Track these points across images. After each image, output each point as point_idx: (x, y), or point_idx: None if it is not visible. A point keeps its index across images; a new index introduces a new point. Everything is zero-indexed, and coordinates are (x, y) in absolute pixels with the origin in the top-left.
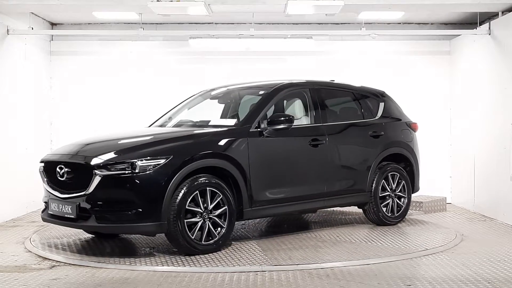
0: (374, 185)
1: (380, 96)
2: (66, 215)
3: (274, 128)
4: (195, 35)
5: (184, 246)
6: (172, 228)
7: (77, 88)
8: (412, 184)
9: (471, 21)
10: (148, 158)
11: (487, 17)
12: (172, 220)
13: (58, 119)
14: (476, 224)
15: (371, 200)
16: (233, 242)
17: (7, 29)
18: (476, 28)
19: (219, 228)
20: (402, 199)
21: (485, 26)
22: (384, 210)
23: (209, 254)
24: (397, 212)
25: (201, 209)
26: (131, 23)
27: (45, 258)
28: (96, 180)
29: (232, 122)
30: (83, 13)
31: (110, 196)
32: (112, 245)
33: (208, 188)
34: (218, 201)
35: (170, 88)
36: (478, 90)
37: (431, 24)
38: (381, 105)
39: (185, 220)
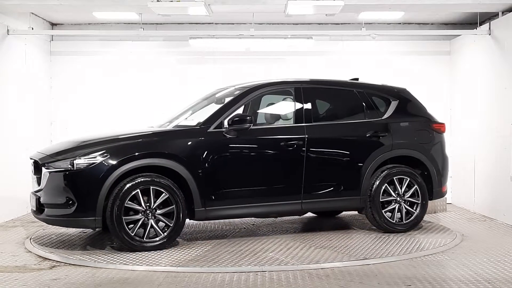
0: (373, 189)
1: (394, 95)
2: (32, 208)
3: (233, 129)
4: (195, 35)
5: (125, 242)
6: (110, 224)
7: (77, 88)
8: (430, 190)
9: (471, 21)
10: (85, 157)
11: (487, 17)
12: (109, 216)
13: (58, 119)
14: (476, 224)
15: (369, 205)
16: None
17: (7, 29)
18: (476, 28)
19: (166, 227)
20: (415, 206)
21: (485, 26)
22: (388, 216)
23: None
24: (407, 219)
25: (143, 207)
26: (131, 23)
27: (45, 258)
28: (45, 176)
29: (195, 122)
30: (83, 13)
31: (55, 192)
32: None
33: (151, 187)
34: (167, 200)
35: (170, 88)
36: (478, 90)
37: (431, 24)
38: (393, 104)
39: (124, 217)
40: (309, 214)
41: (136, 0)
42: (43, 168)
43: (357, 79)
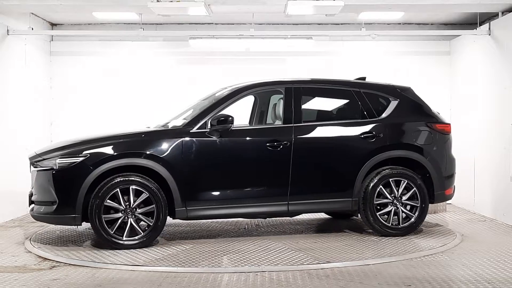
0: (366, 191)
1: (395, 94)
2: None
3: (215, 129)
4: (195, 35)
5: (104, 239)
6: (91, 222)
7: (77, 88)
8: (432, 193)
9: (471, 22)
10: (66, 156)
11: (487, 18)
12: (89, 214)
13: (58, 119)
14: (476, 224)
15: (362, 208)
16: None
17: (7, 30)
18: (476, 29)
19: (148, 227)
20: (414, 209)
21: (485, 26)
22: (384, 219)
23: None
24: (403, 223)
25: (122, 206)
26: (131, 24)
27: (45, 259)
28: (33, 174)
29: (180, 122)
30: (83, 13)
31: (40, 189)
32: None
33: (131, 187)
34: (148, 200)
35: (170, 88)
36: (478, 90)
37: (431, 24)
38: (393, 103)
39: (104, 216)
40: (322, 215)
41: (136, 0)
42: (31, 166)
43: (364, 78)
